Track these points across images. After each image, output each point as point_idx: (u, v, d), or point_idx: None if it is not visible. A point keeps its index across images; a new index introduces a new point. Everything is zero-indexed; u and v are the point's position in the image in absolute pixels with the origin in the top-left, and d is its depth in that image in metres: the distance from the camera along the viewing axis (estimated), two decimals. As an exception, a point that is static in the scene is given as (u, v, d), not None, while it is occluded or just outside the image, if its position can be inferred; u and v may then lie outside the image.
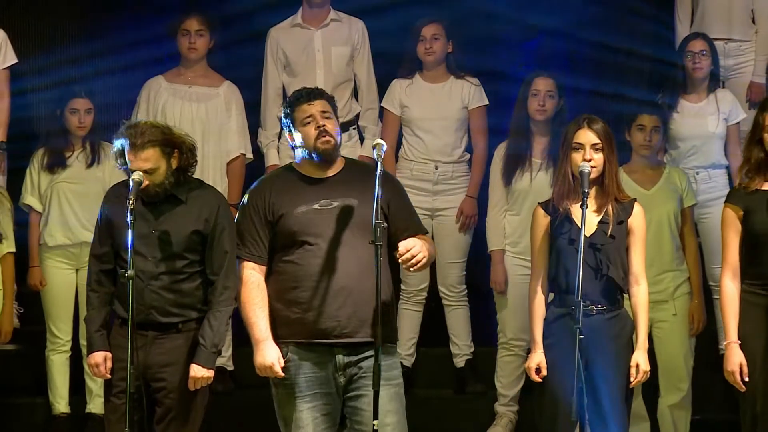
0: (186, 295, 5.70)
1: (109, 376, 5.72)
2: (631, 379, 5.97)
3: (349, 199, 5.41)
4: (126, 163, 5.72)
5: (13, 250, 6.97)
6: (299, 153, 5.59)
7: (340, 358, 5.43)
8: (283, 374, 5.44)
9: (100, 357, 5.68)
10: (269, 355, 5.37)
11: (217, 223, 5.75)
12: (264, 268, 5.51)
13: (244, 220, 5.62)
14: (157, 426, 5.67)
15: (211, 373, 5.64)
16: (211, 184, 7.08)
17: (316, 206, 5.45)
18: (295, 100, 5.58)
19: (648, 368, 5.95)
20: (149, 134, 5.67)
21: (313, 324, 5.41)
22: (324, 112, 5.49)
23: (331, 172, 5.48)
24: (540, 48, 8.23)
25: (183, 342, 5.67)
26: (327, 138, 5.43)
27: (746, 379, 5.69)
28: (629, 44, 8.26)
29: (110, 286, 5.77)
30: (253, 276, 5.49)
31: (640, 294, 5.88)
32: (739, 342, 5.83)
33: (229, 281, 5.71)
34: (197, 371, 5.62)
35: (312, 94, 5.59)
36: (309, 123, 5.47)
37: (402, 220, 5.48)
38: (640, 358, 5.83)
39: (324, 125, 5.46)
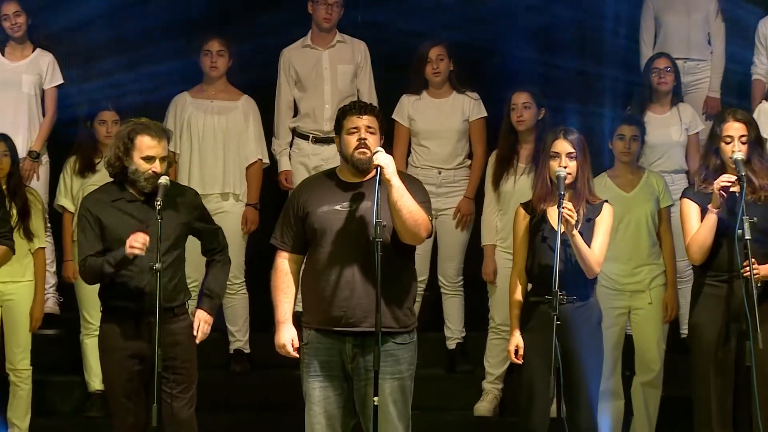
0: (179, 281, 5.94)
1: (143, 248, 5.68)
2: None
3: (368, 202, 5.49)
4: (124, 159, 5.80)
5: (44, 245, 7.33)
6: (340, 157, 5.69)
7: (349, 348, 5.55)
8: (296, 354, 5.62)
9: (135, 235, 5.67)
10: (284, 336, 5.63)
11: (203, 210, 6.07)
12: (295, 256, 5.68)
13: (284, 211, 5.77)
14: (166, 395, 5.84)
15: (212, 319, 6.00)
16: (231, 186, 7.76)
17: (337, 207, 5.55)
18: (347, 110, 5.65)
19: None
20: (162, 128, 5.96)
21: (325, 313, 5.55)
22: (369, 127, 5.56)
23: (365, 178, 5.56)
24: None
25: (181, 323, 5.94)
26: (364, 150, 5.51)
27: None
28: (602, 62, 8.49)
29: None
30: (284, 264, 5.67)
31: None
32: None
33: (227, 248, 6.10)
34: (205, 317, 5.97)
35: (364, 108, 5.64)
36: (353, 133, 5.55)
37: None
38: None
39: (366, 138, 5.53)
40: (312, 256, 5.63)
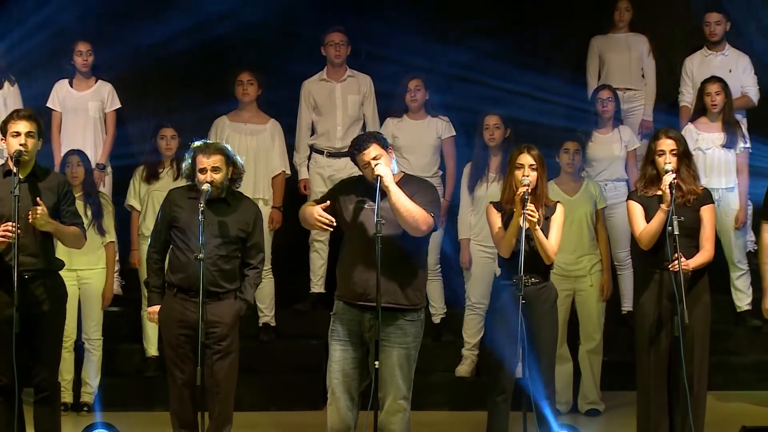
0: (228, 272, 6.45)
1: (157, 323, 6.39)
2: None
3: (384, 204, 5.92)
4: (193, 171, 6.32)
5: (114, 240, 8.14)
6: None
7: (367, 319, 6.02)
8: (326, 217, 5.93)
9: (157, 308, 6.46)
10: (315, 210, 6.04)
11: (256, 225, 6.53)
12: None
13: (328, 192, 6.37)
14: (212, 362, 6.34)
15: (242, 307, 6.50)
16: (261, 192, 8.48)
17: (365, 206, 6.08)
18: (353, 154, 6.12)
19: None
20: (217, 146, 6.50)
21: (351, 289, 6.07)
22: (376, 156, 6.05)
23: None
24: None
25: (225, 305, 6.43)
26: (372, 168, 6.00)
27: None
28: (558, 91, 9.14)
29: (164, 261, 6.53)
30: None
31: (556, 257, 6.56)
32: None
33: (262, 269, 6.64)
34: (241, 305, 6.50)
35: (364, 143, 6.10)
36: (366, 167, 6.12)
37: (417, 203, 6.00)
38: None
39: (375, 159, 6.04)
40: (345, 243, 6.22)
